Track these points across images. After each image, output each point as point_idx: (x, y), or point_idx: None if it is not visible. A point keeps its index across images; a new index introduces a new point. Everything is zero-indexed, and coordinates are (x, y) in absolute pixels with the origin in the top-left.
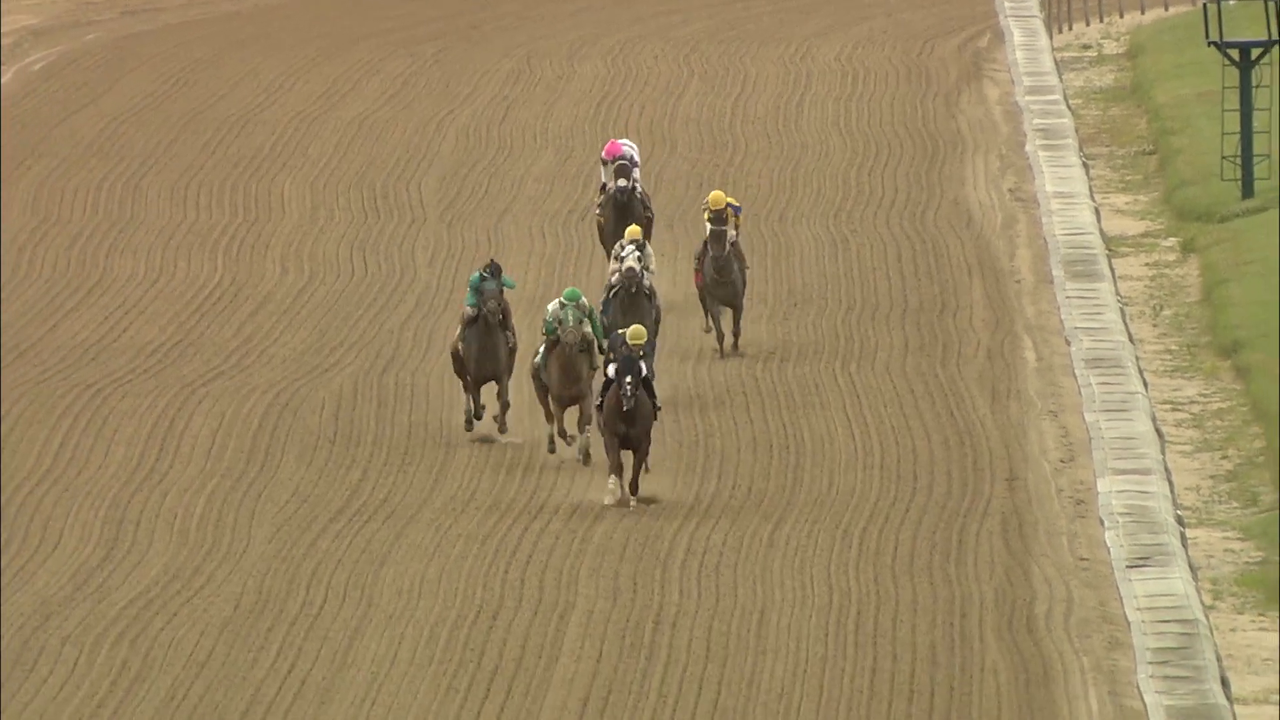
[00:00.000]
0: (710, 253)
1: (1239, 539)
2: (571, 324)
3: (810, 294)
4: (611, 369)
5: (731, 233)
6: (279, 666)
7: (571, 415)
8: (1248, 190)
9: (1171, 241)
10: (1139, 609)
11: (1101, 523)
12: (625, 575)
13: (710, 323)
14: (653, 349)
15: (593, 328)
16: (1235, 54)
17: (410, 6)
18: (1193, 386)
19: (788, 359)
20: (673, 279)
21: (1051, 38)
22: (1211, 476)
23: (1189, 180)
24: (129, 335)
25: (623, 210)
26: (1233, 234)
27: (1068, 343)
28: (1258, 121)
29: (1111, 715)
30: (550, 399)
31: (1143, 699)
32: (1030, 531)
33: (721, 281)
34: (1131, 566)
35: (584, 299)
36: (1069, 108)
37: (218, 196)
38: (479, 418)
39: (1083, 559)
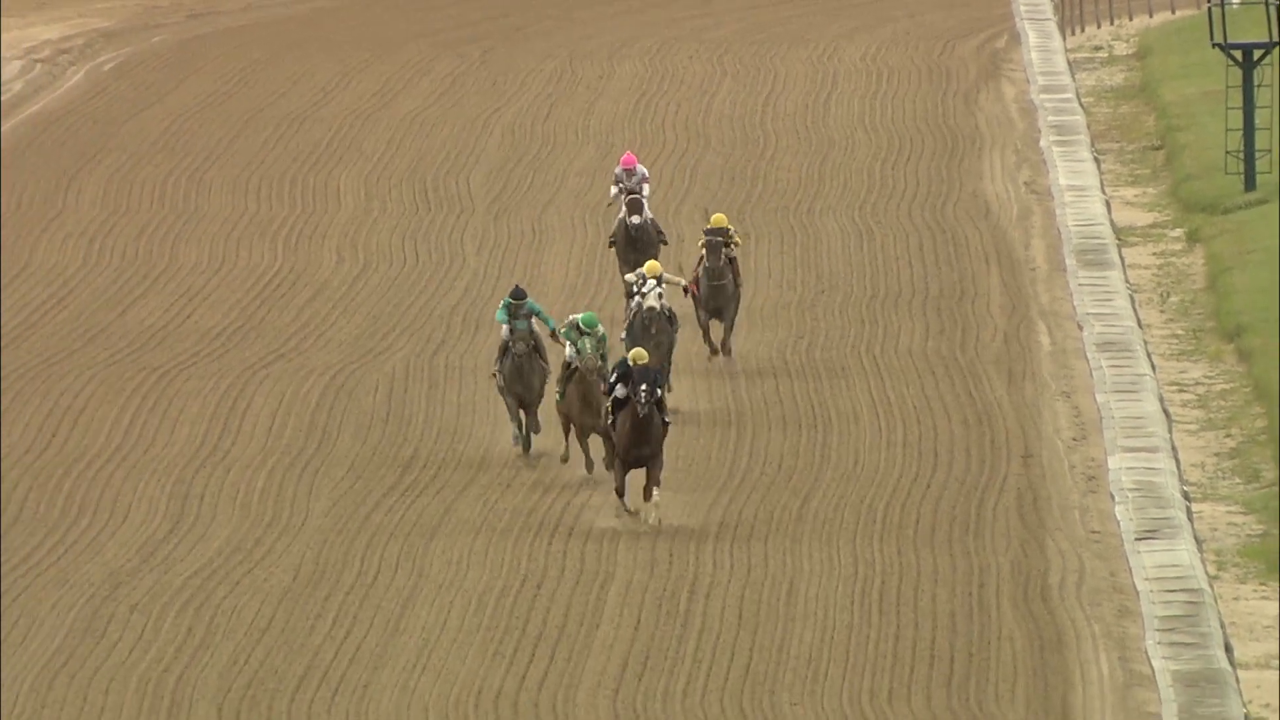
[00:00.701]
0: (705, 264)
1: (1241, 513)
2: (590, 352)
3: (837, 281)
4: (620, 390)
5: (728, 250)
6: (335, 633)
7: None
8: (1250, 184)
9: (1178, 232)
10: (1147, 579)
11: (1112, 497)
12: (662, 547)
13: (702, 334)
14: (668, 370)
15: (603, 349)
16: (1238, 55)
17: (458, 9)
18: (1198, 369)
19: (815, 343)
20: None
21: (1065, 39)
22: (1216, 454)
23: (1194, 174)
24: (194, 320)
25: (634, 241)
26: (1236, 225)
27: (1080, 327)
28: (1259, 119)
29: (1121, 679)
30: (572, 426)
31: (1150, 664)
32: (1044, 506)
33: (714, 289)
34: (1140, 539)
35: (600, 326)
36: (1081, 105)
37: (277, 189)
38: (528, 438)
39: (1094, 532)
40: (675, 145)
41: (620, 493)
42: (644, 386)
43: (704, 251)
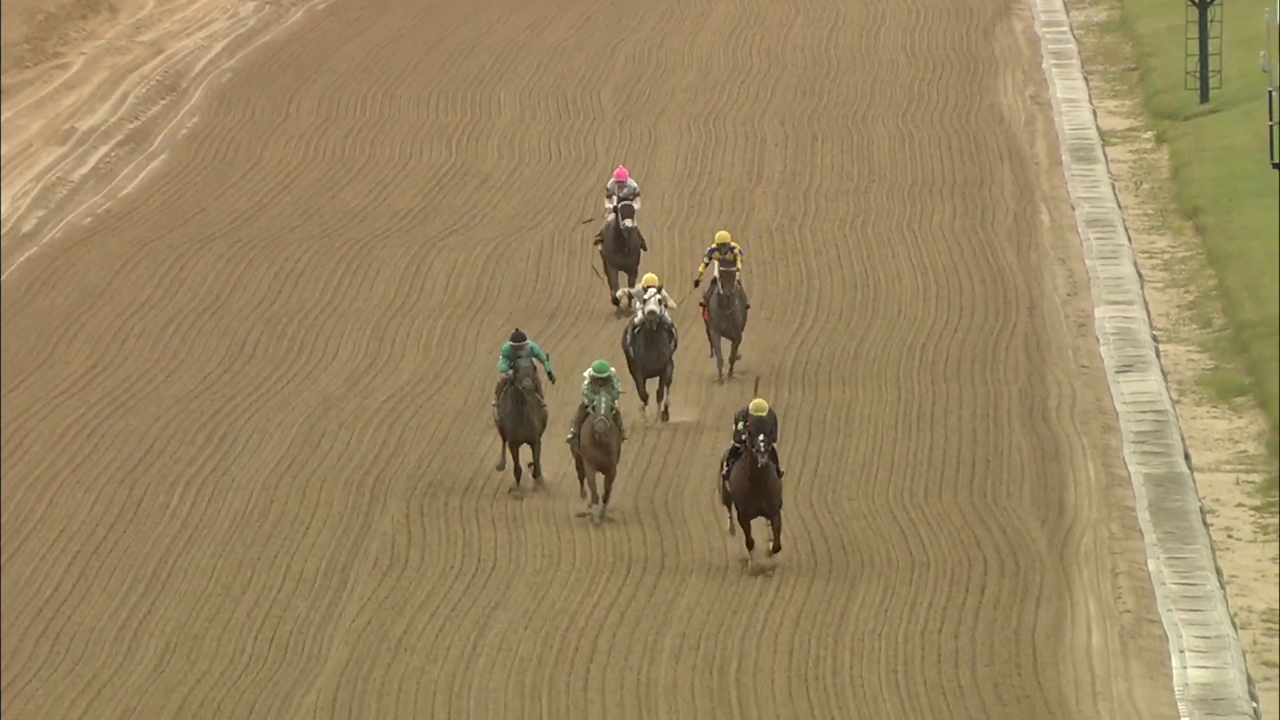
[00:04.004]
0: (719, 290)
1: (1198, 351)
2: (603, 411)
3: (884, 173)
4: (727, 446)
5: (736, 270)
6: (497, 444)
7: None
8: (1204, 97)
9: (1149, 134)
10: (1124, 403)
11: (1097, 339)
12: (748, 380)
13: (713, 351)
14: (670, 377)
15: (616, 395)
16: None
17: None
18: (1164, 240)
19: (867, 220)
20: (784, 139)
21: None
22: (1178, 306)
23: (1162, 89)
24: (387, 203)
25: (622, 242)
26: (1193, 129)
27: (1072, 208)
28: (1212, 47)
29: (1104, 481)
30: (584, 464)
31: (1127, 468)
32: (1045, 346)
33: (725, 314)
34: (1119, 372)
35: (613, 371)
36: (1074, 36)
37: (452, 101)
38: (518, 473)
39: (1083, 366)
40: (759, 68)
41: (750, 546)
42: (761, 436)
43: (717, 275)
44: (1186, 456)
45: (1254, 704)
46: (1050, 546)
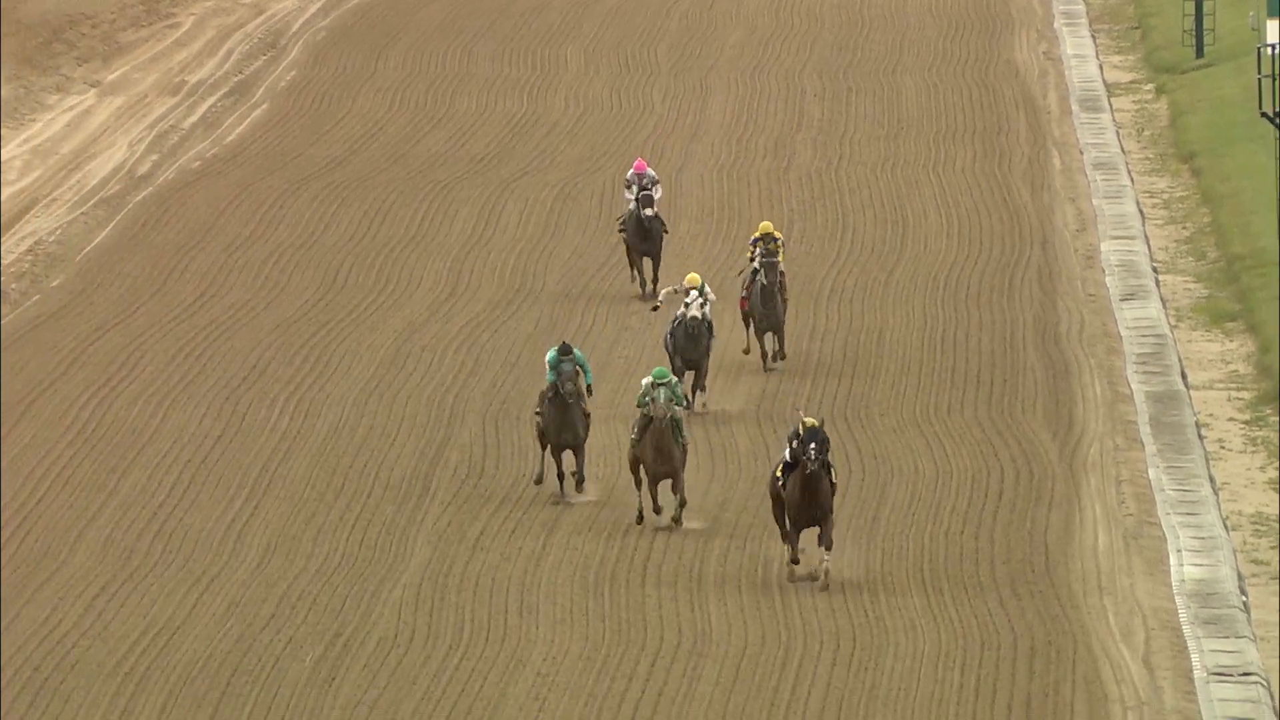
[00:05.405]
0: (763, 281)
1: (1194, 281)
2: (662, 401)
3: (910, 121)
4: (786, 453)
5: (779, 261)
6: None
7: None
8: (1199, 53)
9: (1150, 86)
10: (1128, 328)
11: (1103, 271)
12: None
13: (752, 343)
14: (706, 371)
15: (676, 399)
16: None
17: None
18: (1163, 181)
19: (897, 163)
20: (822, 90)
21: None
22: (1175, 240)
23: (1161, 46)
24: (465, 149)
25: (644, 230)
26: (1189, 81)
27: (1081, 153)
28: (1207, 7)
29: (1110, 397)
30: (645, 475)
31: (1130, 386)
32: (1056, 276)
33: (767, 311)
34: (1123, 300)
35: (673, 378)
36: None
37: (523, 57)
38: (561, 478)
39: (1090, 295)
40: (798, 25)
41: (794, 561)
42: (813, 445)
43: (759, 266)
44: (1183, 376)
45: (1243, 598)
46: (1061, 457)
